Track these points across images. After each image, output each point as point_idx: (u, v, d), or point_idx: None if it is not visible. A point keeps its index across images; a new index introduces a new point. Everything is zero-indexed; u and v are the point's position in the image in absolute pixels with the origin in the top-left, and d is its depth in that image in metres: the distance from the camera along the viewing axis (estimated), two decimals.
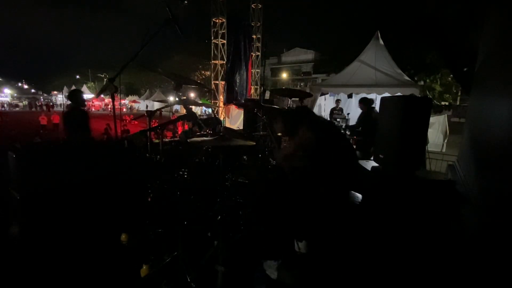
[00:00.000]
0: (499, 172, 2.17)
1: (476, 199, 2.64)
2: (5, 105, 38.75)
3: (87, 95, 40.39)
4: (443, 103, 18.17)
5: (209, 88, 12.70)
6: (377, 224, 2.42)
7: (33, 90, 56.28)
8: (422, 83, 14.74)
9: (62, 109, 18.50)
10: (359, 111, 5.74)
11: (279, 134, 2.79)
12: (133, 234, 2.32)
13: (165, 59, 41.48)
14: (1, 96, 44.51)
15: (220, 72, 11.66)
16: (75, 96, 3.85)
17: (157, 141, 2.69)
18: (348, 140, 4.18)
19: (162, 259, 2.14)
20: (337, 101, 8.10)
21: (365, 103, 5.53)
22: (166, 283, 1.98)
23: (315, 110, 8.30)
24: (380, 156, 2.89)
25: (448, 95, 18.00)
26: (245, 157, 3.20)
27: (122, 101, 34.96)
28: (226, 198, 2.41)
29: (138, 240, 2.31)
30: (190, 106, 2.77)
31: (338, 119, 7.20)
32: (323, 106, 9.47)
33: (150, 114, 2.49)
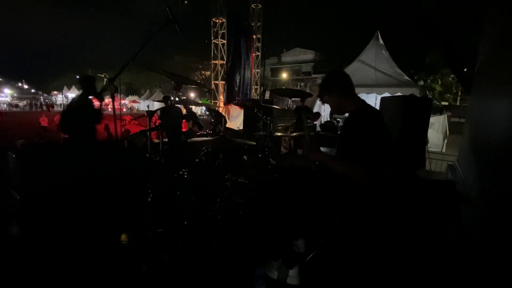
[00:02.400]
0: (499, 172, 2.17)
1: (476, 199, 2.64)
2: (5, 105, 38.72)
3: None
4: (443, 103, 18.16)
5: (209, 88, 12.69)
6: (377, 224, 2.42)
7: (33, 90, 56.26)
8: (422, 83, 14.74)
9: (62, 109, 18.39)
10: None
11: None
12: (133, 234, 2.32)
13: (165, 59, 41.42)
14: (1, 96, 44.49)
15: (220, 72, 11.65)
16: (167, 99, 4.75)
17: (157, 141, 2.69)
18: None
19: (162, 259, 2.14)
20: None
21: None
22: (166, 282, 1.98)
23: (315, 110, 8.30)
24: None
25: (448, 95, 17.99)
26: (245, 157, 3.20)
27: (122, 101, 34.95)
28: (226, 198, 2.41)
29: (138, 240, 2.31)
30: (190, 106, 2.77)
31: (338, 119, 7.20)
32: (323, 106, 9.48)
33: (150, 114, 2.50)
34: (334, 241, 1.93)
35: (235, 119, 11.50)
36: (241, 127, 6.60)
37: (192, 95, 23.63)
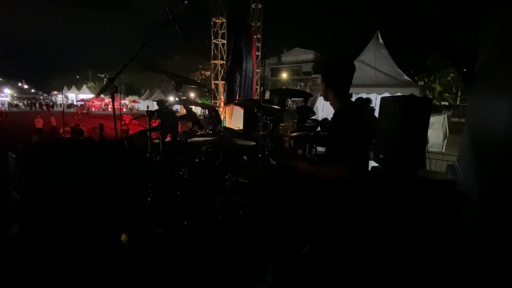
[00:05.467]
0: (499, 172, 2.17)
1: (476, 199, 2.64)
2: (5, 105, 38.69)
3: (87, 95, 40.52)
4: (443, 103, 18.16)
5: (209, 88, 12.69)
6: (377, 224, 2.42)
7: (33, 90, 56.24)
8: (422, 83, 14.74)
9: (62, 109, 18.34)
10: None
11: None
12: (133, 234, 2.32)
13: (165, 59, 41.41)
14: (1, 96, 44.48)
15: (220, 72, 11.66)
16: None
17: (157, 141, 2.69)
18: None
19: (162, 259, 2.14)
20: None
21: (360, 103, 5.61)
22: (166, 282, 1.98)
23: (315, 110, 8.30)
24: (380, 156, 2.89)
25: (447, 95, 17.99)
26: (245, 157, 3.20)
27: (122, 101, 34.99)
28: (226, 198, 2.41)
29: (138, 240, 2.31)
30: (190, 106, 2.77)
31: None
32: (323, 106, 9.48)
33: (150, 114, 2.50)
34: (324, 239, 1.93)
35: (236, 119, 11.48)
36: (241, 127, 6.59)
37: (192, 95, 23.63)
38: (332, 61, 1.93)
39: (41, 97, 50.59)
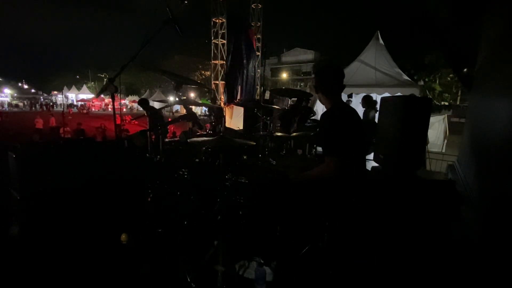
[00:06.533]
0: (499, 172, 2.17)
1: (476, 199, 2.65)
2: (5, 105, 38.69)
3: (87, 95, 40.56)
4: (443, 103, 18.17)
5: (209, 88, 12.69)
6: (377, 224, 2.43)
7: (33, 90, 56.18)
8: (422, 83, 14.75)
9: (62, 109, 18.33)
10: (360, 110, 5.78)
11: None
12: (133, 234, 2.32)
13: (165, 59, 41.32)
14: (1, 96, 44.47)
15: (220, 72, 11.65)
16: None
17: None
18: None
19: (163, 259, 2.14)
20: None
21: (365, 102, 5.68)
22: (166, 283, 1.98)
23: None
24: (380, 156, 2.89)
25: (447, 95, 18.00)
26: (245, 157, 3.20)
27: (122, 101, 35.02)
28: (226, 198, 2.41)
29: (138, 240, 2.31)
30: (190, 106, 2.78)
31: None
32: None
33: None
34: (324, 239, 1.94)
35: (236, 119, 11.47)
36: (241, 127, 6.58)
37: (192, 95, 23.62)
38: (320, 68, 2.09)
39: (41, 97, 50.54)
